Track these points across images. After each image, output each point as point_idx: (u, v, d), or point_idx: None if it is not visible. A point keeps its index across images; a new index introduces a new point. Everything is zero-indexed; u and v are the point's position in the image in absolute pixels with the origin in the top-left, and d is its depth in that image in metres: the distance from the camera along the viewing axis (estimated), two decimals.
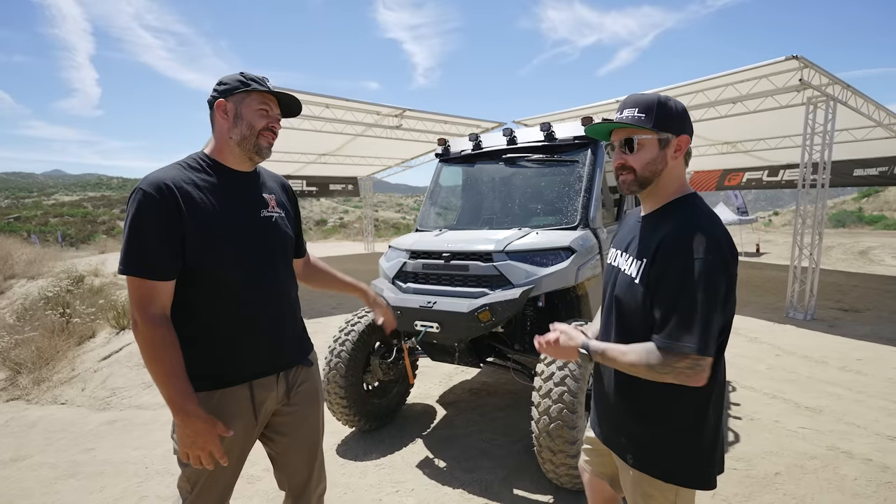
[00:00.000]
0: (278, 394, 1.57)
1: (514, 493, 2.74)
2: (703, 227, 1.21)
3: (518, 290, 2.80)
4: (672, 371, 1.19)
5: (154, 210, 1.33)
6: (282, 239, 1.59)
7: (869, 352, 5.49)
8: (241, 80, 1.47)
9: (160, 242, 1.33)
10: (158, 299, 1.35)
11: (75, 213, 39.40)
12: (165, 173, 1.40)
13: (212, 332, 1.45)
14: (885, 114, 8.46)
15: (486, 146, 3.85)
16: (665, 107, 1.29)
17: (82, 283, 9.43)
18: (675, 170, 1.33)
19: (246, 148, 1.48)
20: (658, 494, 1.35)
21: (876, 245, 17.47)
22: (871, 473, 2.90)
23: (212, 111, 1.50)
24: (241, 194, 1.52)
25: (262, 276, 1.52)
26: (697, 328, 1.15)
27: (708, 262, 1.16)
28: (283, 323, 1.59)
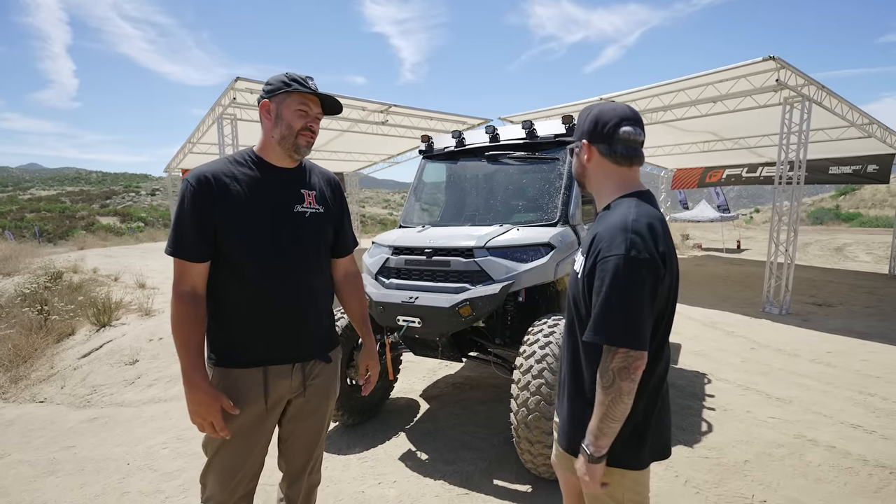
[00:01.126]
0: (293, 383, 1.64)
1: (493, 484, 2.81)
2: (625, 226, 1.25)
3: (498, 286, 2.86)
4: (615, 375, 1.23)
5: (192, 198, 1.48)
6: (311, 234, 1.66)
7: (839, 345, 5.68)
8: (283, 80, 1.56)
9: (193, 227, 1.48)
10: (189, 278, 1.50)
11: (53, 207, 38.47)
12: (210, 166, 1.55)
13: (231, 315, 1.57)
14: (857, 114, 8.71)
15: (468, 143, 3.90)
16: (579, 118, 1.46)
17: (60, 280, 9.26)
18: (599, 170, 1.42)
19: (286, 146, 1.59)
20: (607, 476, 1.39)
21: (851, 242, 17.96)
22: (834, 460, 3.03)
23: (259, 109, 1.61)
24: (278, 189, 1.62)
25: (285, 269, 1.59)
26: (623, 322, 1.21)
27: (626, 259, 1.21)
28: (304, 316, 1.65)
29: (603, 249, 1.27)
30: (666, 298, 1.31)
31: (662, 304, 1.31)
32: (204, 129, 10.66)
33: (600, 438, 1.28)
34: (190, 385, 1.47)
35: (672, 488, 2.74)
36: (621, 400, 1.23)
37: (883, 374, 4.65)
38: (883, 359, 5.14)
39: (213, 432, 1.50)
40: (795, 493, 2.67)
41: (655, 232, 1.27)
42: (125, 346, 5.78)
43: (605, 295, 1.23)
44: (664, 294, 1.30)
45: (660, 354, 1.35)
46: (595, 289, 1.28)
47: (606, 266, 1.24)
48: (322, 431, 1.80)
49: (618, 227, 1.27)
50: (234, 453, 1.58)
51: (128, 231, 30.60)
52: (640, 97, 8.90)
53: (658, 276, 1.25)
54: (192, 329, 1.49)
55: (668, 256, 1.28)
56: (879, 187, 28.74)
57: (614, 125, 1.37)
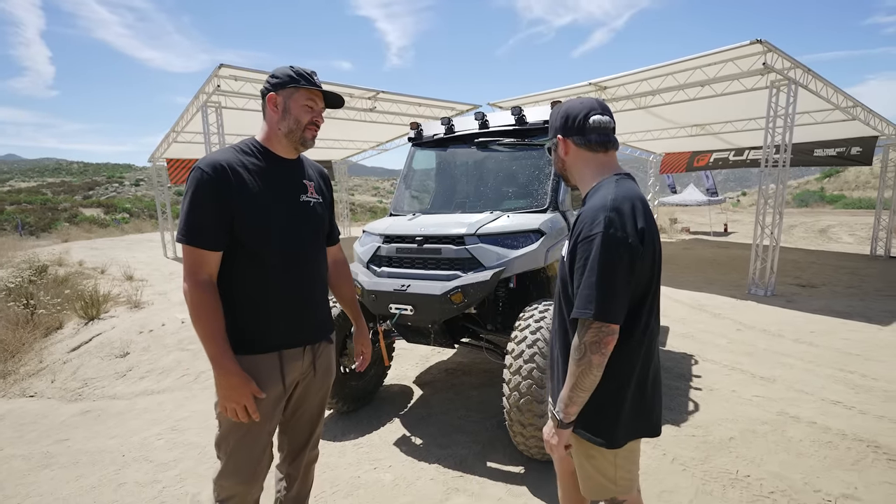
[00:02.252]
0: (304, 365, 1.71)
1: (487, 466, 2.87)
2: (604, 207, 1.31)
3: (489, 273, 2.88)
4: (587, 349, 1.28)
5: (209, 187, 1.49)
6: (318, 223, 1.75)
7: (821, 324, 5.83)
8: (291, 74, 1.60)
9: (211, 216, 1.50)
10: (206, 267, 1.51)
11: (34, 199, 37.64)
12: (222, 155, 1.56)
13: (249, 303, 1.60)
14: (842, 97, 8.81)
15: (458, 130, 3.88)
16: (551, 117, 1.53)
17: (46, 274, 9.12)
18: (578, 162, 1.48)
19: (293, 139, 1.63)
20: (597, 454, 1.45)
21: (835, 223, 18.32)
22: (814, 435, 3.14)
23: (264, 101, 1.63)
24: (286, 179, 1.67)
25: (298, 256, 1.66)
26: (597, 296, 1.25)
27: (605, 236, 1.27)
28: (314, 301, 1.74)
29: (584, 229, 1.32)
30: (649, 276, 1.35)
31: (645, 282, 1.35)
32: (188, 117, 10.47)
33: (569, 406, 1.35)
34: (222, 371, 1.49)
35: (659, 466, 2.83)
36: (591, 372, 1.29)
37: (862, 351, 4.80)
38: (863, 337, 5.29)
39: (244, 416, 1.52)
40: (778, 467, 2.77)
41: (635, 210, 1.32)
42: (115, 338, 5.74)
43: (585, 272, 1.29)
44: (645, 271, 1.33)
45: (645, 334, 1.38)
46: (577, 268, 1.33)
47: (587, 245, 1.29)
48: (323, 411, 1.90)
49: (598, 207, 1.32)
50: (256, 441, 1.63)
51: (113, 222, 30.10)
52: (628, 81, 8.91)
53: (636, 254, 1.29)
54: (215, 316, 1.50)
55: (648, 234, 1.32)
56: (863, 169, 29.22)
57: (584, 116, 1.44)
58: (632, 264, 1.29)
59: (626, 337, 1.33)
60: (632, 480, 1.50)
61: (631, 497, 1.53)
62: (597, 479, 1.48)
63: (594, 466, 1.47)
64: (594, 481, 1.50)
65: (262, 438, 1.65)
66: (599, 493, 1.51)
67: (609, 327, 1.27)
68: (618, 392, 1.39)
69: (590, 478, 1.50)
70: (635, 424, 1.43)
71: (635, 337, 1.37)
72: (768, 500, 2.48)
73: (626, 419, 1.40)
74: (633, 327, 1.35)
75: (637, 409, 1.41)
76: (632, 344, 1.36)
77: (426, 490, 2.67)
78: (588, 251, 1.28)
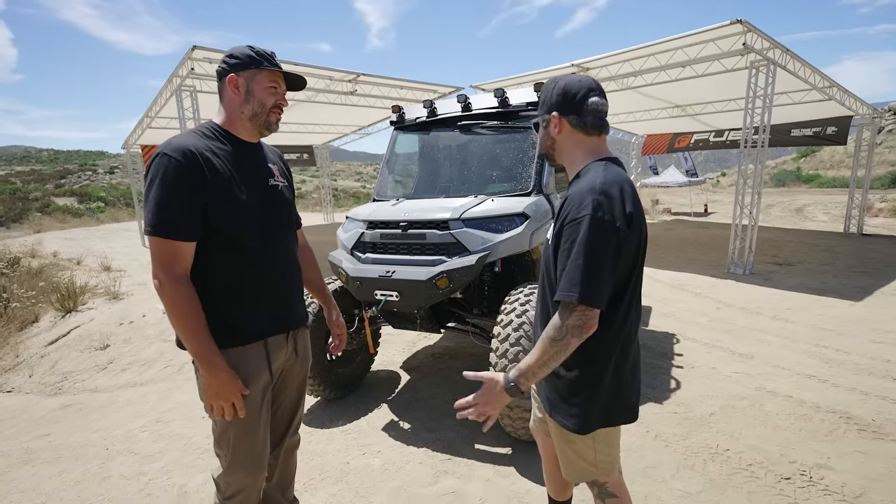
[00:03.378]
0: (288, 351, 1.70)
1: (475, 448, 2.91)
2: (592, 190, 1.29)
3: (474, 257, 2.88)
4: (568, 331, 1.26)
5: (179, 174, 1.41)
6: (287, 206, 1.72)
7: (797, 301, 6.00)
8: (251, 55, 1.54)
9: (185, 205, 1.42)
10: (181, 259, 1.44)
11: (3, 189, 36.30)
12: (187, 140, 1.48)
13: (230, 293, 1.55)
14: (819, 77, 8.92)
15: (440, 113, 3.83)
16: (543, 92, 1.48)
17: (18, 266, 8.85)
18: (568, 142, 1.44)
19: (257, 123, 1.58)
20: (576, 439, 1.46)
21: (811, 202, 18.75)
22: (790, 408, 3.25)
23: (221, 83, 1.56)
24: (253, 163, 1.62)
25: (276, 241, 1.64)
26: (583, 279, 1.23)
27: (593, 219, 1.25)
28: (292, 286, 1.72)
29: (571, 212, 1.30)
30: (633, 262, 1.34)
31: (629, 265, 1.33)
32: (162, 101, 10.13)
33: (531, 379, 1.32)
34: (211, 368, 1.45)
35: (643, 443, 2.90)
36: (565, 353, 1.28)
37: (836, 327, 4.96)
38: (836, 312, 5.46)
39: (231, 413, 1.50)
40: (756, 440, 2.86)
41: (624, 194, 1.31)
42: (94, 330, 5.62)
43: (571, 254, 1.26)
44: (630, 255, 1.32)
45: (625, 322, 1.38)
46: (561, 250, 1.31)
47: (574, 227, 1.28)
48: (303, 392, 1.89)
49: (586, 190, 1.30)
50: (255, 432, 1.61)
51: (87, 212, 29.24)
52: (610, 62, 8.88)
53: (623, 238, 1.27)
54: (197, 312, 1.44)
55: (635, 218, 1.31)
56: (837, 149, 29.83)
57: (583, 96, 1.39)
58: (618, 249, 1.27)
59: (606, 323, 1.32)
60: (612, 463, 1.52)
61: (612, 478, 1.55)
62: (577, 462, 1.50)
63: (574, 451, 1.49)
64: (575, 465, 1.51)
65: (261, 428, 1.63)
66: (580, 475, 1.54)
67: (592, 311, 1.26)
68: (595, 378, 1.38)
69: (570, 462, 1.52)
70: (611, 411, 1.42)
71: (615, 323, 1.36)
72: (746, 472, 2.57)
73: (602, 406, 1.40)
74: (614, 313, 1.34)
75: (613, 397, 1.41)
76: (611, 330, 1.36)
77: (415, 474, 2.70)
78: (575, 234, 1.27)
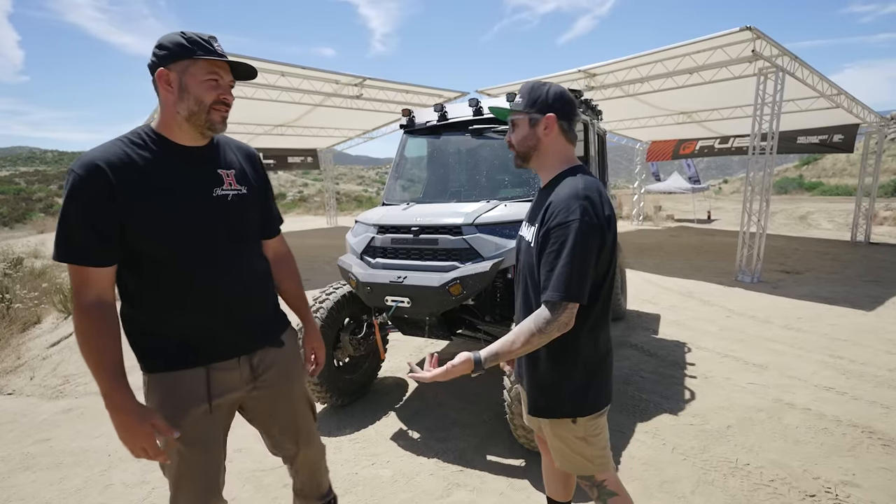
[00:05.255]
0: (242, 376, 1.51)
1: (487, 459, 2.83)
2: (577, 196, 1.37)
3: (488, 263, 2.81)
4: (556, 327, 1.35)
5: (83, 193, 1.24)
6: (238, 218, 1.48)
7: (808, 310, 5.92)
8: (182, 43, 1.31)
9: (89, 227, 1.25)
10: (93, 286, 1.28)
11: (7, 189, 36.36)
12: (102, 152, 1.29)
13: (163, 315, 1.39)
14: (827, 85, 8.89)
15: (451, 117, 3.78)
16: (534, 90, 1.49)
17: (21, 266, 8.81)
18: (553, 146, 1.50)
19: (196, 124, 1.36)
20: (563, 432, 1.53)
21: (814, 210, 18.67)
22: (810, 421, 3.17)
23: (153, 79, 1.34)
24: (191, 172, 1.40)
25: (215, 259, 1.43)
26: (574, 279, 1.32)
27: (581, 224, 1.33)
28: (244, 305, 1.50)
29: (558, 216, 1.37)
30: (609, 259, 1.44)
31: (605, 264, 1.43)
32: None
33: (499, 357, 1.39)
34: (112, 408, 1.28)
35: (660, 456, 2.82)
36: (542, 344, 1.37)
37: (849, 336, 4.88)
38: (849, 322, 5.39)
39: (148, 457, 1.32)
40: (776, 455, 2.78)
41: (602, 198, 1.40)
42: None
43: (561, 257, 1.34)
44: (607, 254, 1.42)
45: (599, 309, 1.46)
46: (548, 251, 1.38)
47: (562, 231, 1.35)
48: (298, 416, 1.69)
49: (570, 196, 1.38)
50: (195, 462, 1.45)
51: None
52: (617, 69, 8.85)
53: (604, 239, 1.38)
54: (104, 344, 1.27)
55: (612, 220, 1.42)
56: (839, 157, 29.83)
57: (575, 106, 1.49)
58: (601, 249, 1.38)
59: (581, 315, 1.40)
60: (606, 458, 1.57)
61: (609, 476, 1.59)
62: (570, 455, 1.56)
63: (564, 443, 1.55)
64: (567, 457, 1.57)
65: (208, 454, 1.47)
66: (575, 467, 1.58)
67: (576, 307, 1.35)
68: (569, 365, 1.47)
69: (564, 455, 1.57)
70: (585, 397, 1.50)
71: (591, 316, 1.44)
72: (769, 488, 2.49)
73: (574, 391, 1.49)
74: (590, 306, 1.42)
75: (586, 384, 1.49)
76: (586, 321, 1.43)
77: (426, 485, 2.62)
78: (563, 237, 1.34)
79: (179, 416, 1.39)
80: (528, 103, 1.48)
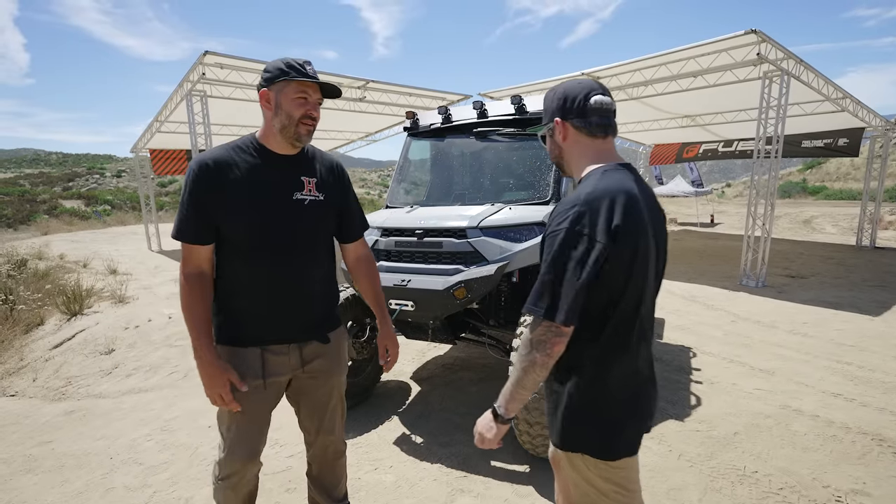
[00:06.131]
0: (291, 361, 1.73)
1: (491, 465, 2.81)
2: (576, 201, 1.22)
3: (493, 266, 2.80)
4: (533, 347, 1.21)
5: (193, 184, 1.55)
6: (311, 221, 1.69)
7: (813, 315, 5.88)
8: (281, 68, 1.57)
9: (193, 211, 1.55)
10: (193, 260, 1.59)
11: (11, 191, 36.50)
12: (213, 153, 1.60)
13: (233, 296, 1.66)
14: (832, 88, 8.85)
15: (455, 119, 3.77)
16: (545, 101, 1.43)
17: (25, 268, 8.82)
18: (574, 147, 1.39)
19: (287, 135, 1.61)
20: (581, 464, 1.34)
21: (818, 214, 18.58)
22: (818, 428, 3.13)
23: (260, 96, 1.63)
24: (278, 177, 1.65)
25: (285, 255, 1.66)
26: (549, 294, 1.19)
27: (567, 233, 1.20)
28: (302, 300, 1.72)
29: (552, 223, 1.26)
30: (624, 280, 1.22)
31: (619, 283, 1.22)
32: (172, 106, 10.15)
33: (510, 402, 1.29)
34: (198, 360, 1.58)
35: (666, 462, 2.79)
36: (533, 371, 1.23)
37: (856, 342, 4.83)
38: (855, 327, 5.34)
39: (223, 404, 1.61)
40: (785, 462, 2.75)
41: (613, 205, 1.20)
42: (99, 335, 5.55)
43: (543, 267, 1.24)
44: (619, 271, 1.20)
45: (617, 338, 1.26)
46: (541, 261, 1.28)
47: (550, 240, 1.24)
48: (327, 408, 1.88)
49: (570, 200, 1.25)
50: (248, 425, 1.71)
51: (93, 215, 29.35)
52: (621, 72, 8.84)
53: (603, 252, 1.17)
54: (197, 307, 1.58)
55: (625, 234, 1.19)
56: (843, 161, 29.71)
57: (584, 97, 1.34)
58: (595, 263, 1.17)
59: (589, 340, 1.25)
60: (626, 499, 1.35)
61: None
62: (584, 487, 1.36)
63: (582, 476, 1.35)
64: (581, 490, 1.38)
65: (254, 423, 1.72)
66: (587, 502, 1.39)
67: (558, 328, 1.18)
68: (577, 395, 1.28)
69: (576, 485, 1.38)
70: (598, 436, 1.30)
71: (601, 342, 1.25)
72: (778, 496, 2.45)
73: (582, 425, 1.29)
74: (598, 331, 1.25)
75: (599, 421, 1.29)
76: (596, 349, 1.26)
77: (430, 491, 2.59)
78: (551, 246, 1.22)
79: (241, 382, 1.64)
80: (544, 116, 1.44)
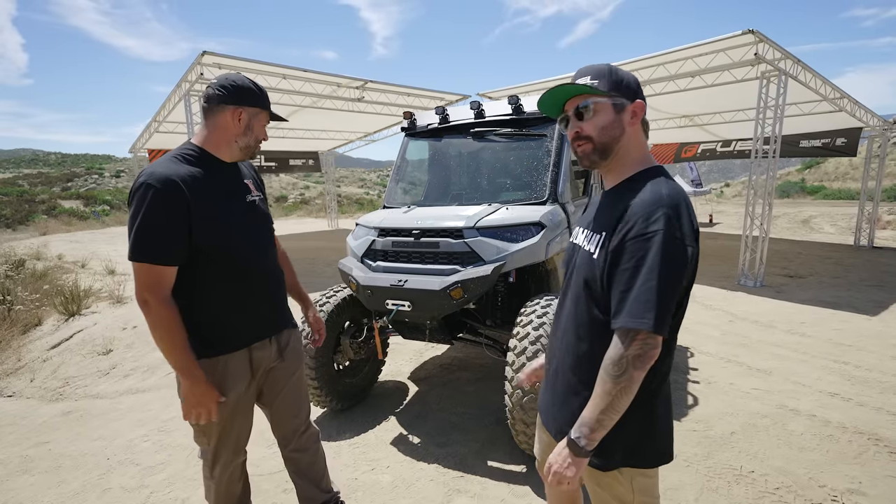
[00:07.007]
0: (272, 353, 1.84)
1: (488, 465, 2.81)
2: (660, 203, 1.13)
3: (490, 267, 2.79)
4: (629, 364, 1.12)
5: (165, 204, 1.51)
6: (265, 219, 1.85)
7: (811, 315, 5.88)
8: (256, 94, 1.68)
9: (170, 232, 1.53)
10: (167, 282, 1.56)
11: (10, 191, 36.43)
12: (168, 168, 1.56)
13: (218, 307, 1.68)
14: (830, 88, 8.86)
15: (453, 120, 3.77)
16: (617, 73, 1.25)
17: (23, 268, 8.81)
18: (635, 138, 1.26)
19: (245, 153, 1.75)
20: (612, 480, 1.28)
21: (817, 214, 18.59)
22: (815, 428, 3.13)
23: (212, 105, 1.65)
24: (231, 183, 1.74)
25: (258, 254, 1.77)
26: (656, 305, 1.08)
27: (670, 236, 1.10)
28: (275, 293, 1.86)
29: (637, 225, 1.13)
30: (690, 282, 1.20)
31: (685, 289, 1.20)
32: (170, 107, 10.14)
33: (597, 431, 1.15)
34: (193, 380, 1.58)
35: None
36: (630, 390, 1.12)
37: (854, 342, 4.84)
38: (853, 327, 5.34)
39: (207, 419, 1.65)
40: (781, 462, 2.75)
41: (689, 209, 1.17)
42: (97, 335, 5.54)
43: (640, 275, 1.10)
44: (690, 276, 1.19)
45: (670, 348, 1.25)
46: (622, 268, 1.14)
47: (642, 244, 1.11)
48: (304, 392, 2.04)
49: (650, 201, 1.14)
50: (237, 426, 1.80)
51: (92, 215, 29.30)
52: None
53: (692, 258, 1.14)
54: (180, 329, 1.57)
55: (699, 237, 1.19)
56: (842, 161, 29.74)
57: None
58: (689, 269, 1.14)
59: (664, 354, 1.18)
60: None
61: None
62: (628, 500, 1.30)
63: (611, 494, 1.30)
64: None
65: (244, 423, 1.83)
66: None
67: (655, 339, 1.11)
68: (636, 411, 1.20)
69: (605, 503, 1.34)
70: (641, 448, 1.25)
71: (669, 354, 1.23)
72: (774, 496, 2.45)
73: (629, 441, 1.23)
74: (670, 344, 1.21)
75: (644, 434, 1.24)
76: (668, 362, 1.23)
77: (426, 491, 2.59)
78: (644, 251, 1.10)
79: (227, 391, 1.70)
80: (612, 85, 1.23)
